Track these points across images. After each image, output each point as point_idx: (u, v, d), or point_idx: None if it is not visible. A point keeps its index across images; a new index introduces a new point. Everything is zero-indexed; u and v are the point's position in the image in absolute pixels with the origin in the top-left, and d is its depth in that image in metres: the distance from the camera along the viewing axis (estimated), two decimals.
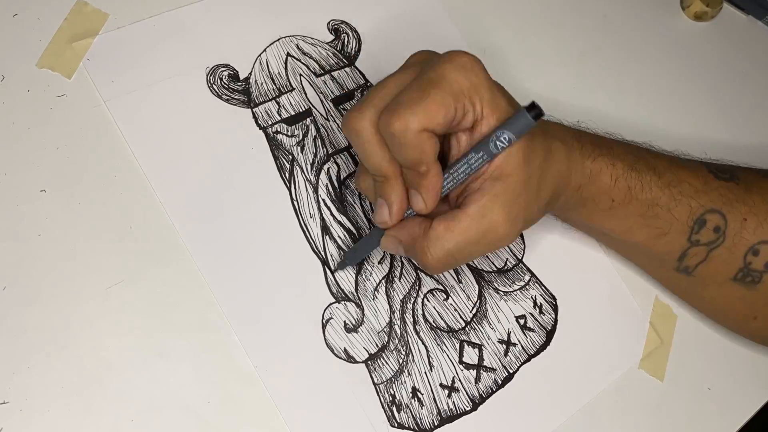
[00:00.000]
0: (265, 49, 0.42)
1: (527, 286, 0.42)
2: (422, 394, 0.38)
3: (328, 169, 0.41)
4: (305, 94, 0.42)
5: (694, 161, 0.41)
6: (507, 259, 0.42)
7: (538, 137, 0.35)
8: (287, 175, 0.40)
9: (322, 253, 0.39)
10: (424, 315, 0.40)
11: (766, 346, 0.44)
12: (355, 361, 0.37)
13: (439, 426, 0.38)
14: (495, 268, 0.42)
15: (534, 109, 0.32)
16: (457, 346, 0.39)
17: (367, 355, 0.38)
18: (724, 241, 0.39)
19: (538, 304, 0.42)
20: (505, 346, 0.40)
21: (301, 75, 0.42)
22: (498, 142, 0.32)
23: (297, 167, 0.40)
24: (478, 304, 0.41)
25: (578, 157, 0.37)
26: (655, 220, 0.39)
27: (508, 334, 0.41)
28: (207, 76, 0.40)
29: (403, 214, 0.35)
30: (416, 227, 0.34)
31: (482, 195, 0.33)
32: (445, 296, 0.40)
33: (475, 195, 0.33)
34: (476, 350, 0.40)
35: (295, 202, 0.40)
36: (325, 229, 0.39)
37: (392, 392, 0.37)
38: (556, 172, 0.36)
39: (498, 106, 0.33)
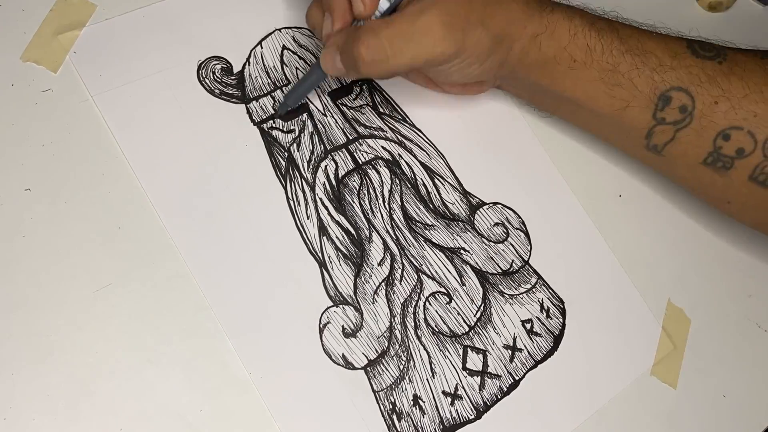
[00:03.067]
0: (260, 42, 0.42)
1: (534, 289, 0.42)
2: (424, 402, 0.38)
3: (326, 166, 0.41)
4: None
5: (673, 36, 0.41)
6: (513, 260, 0.42)
7: None
8: (283, 173, 0.40)
9: (320, 254, 0.39)
10: (425, 319, 0.40)
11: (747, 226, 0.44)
12: (354, 368, 0.37)
13: None
14: (500, 270, 0.42)
15: None
16: (461, 351, 0.39)
17: (366, 362, 0.38)
18: (691, 122, 0.39)
19: (545, 307, 0.42)
20: (510, 352, 0.40)
21: (297, 68, 0.43)
22: None
23: (293, 165, 0.40)
24: (482, 307, 0.41)
25: (535, 6, 0.38)
26: (617, 90, 0.39)
27: (514, 339, 0.41)
28: (199, 69, 0.40)
29: (345, 24, 0.37)
30: (354, 29, 0.36)
31: (426, 1, 0.35)
32: (447, 300, 0.40)
33: (418, 2, 0.36)
34: (480, 356, 0.40)
35: (291, 202, 0.40)
36: (323, 230, 0.40)
37: (393, 400, 0.37)
38: (508, 12, 0.38)
39: None
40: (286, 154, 0.41)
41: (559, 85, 0.40)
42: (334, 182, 0.41)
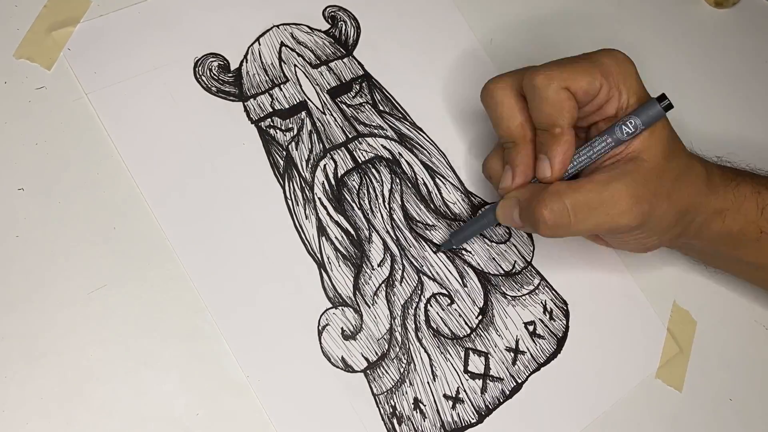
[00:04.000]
0: (257, 39, 0.42)
1: (537, 291, 0.42)
2: (425, 406, 0.38)
3: (325, 165, 0.41)
4: (300, 85, 0.42)
5: None
6: (515, 261, 0.42)
7: (680, 148, 0.38)
8: (281, 172, 0.40)
9: (318, 255, 0.39)
10: (426, 321, 0.39)
11: None
12: (354, 371, 0.37)
13: None
14: (502, 271, 0.42)
15: (664, 100, 0.35)
16: (462, 354, 0.39)
17: (366, 364, 0.38)
18: None
19: (549, 309, 0.42)
20: (513, 355, 0.40)
21: (295, 65, 0.42)
22: (624, 127, 0.35)
23: (291, 164, 0.40)
24: (484, 309, 0.41)
25: (718, 181, 0.38)
26: None
27: (517, 342, 0.41)
28: (195, 66, 0.40)
29: (525, 181, 0.37)
30: (536, 187, 0.36)
31: (612, 168, 0.36)
32: (449, 301, 0.40)
33: (605, 167, 0.36)
34: (482, 359, 0.40)
35: (290, 201, 0.40)
36: (321, 230, 0.39)
37: (393, 403, 0.37)
38: (692, 186, 0.37)
39: (642, 99, 0.36)
40: (285, 153, 0.40)
41: (743, 254, 0.40)
42: (333, 182, 0.41)
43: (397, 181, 0.42)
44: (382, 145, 0.42)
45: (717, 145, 0.45)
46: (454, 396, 0.38)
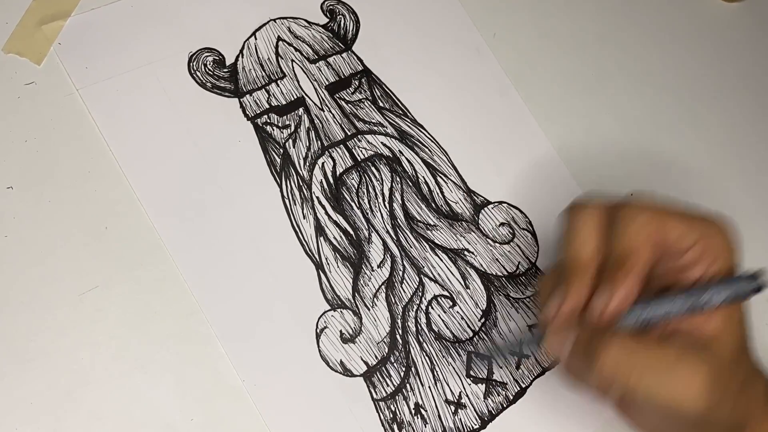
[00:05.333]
0: (253, 33, 0.42)
1: None
2: (426, 411, 0.38)
3: (323, 163, 0.41)
4: (298, 81, 0.42)
5: None
6: (519, 262, 0.42)
7: (751, 349, 0.34)
8: (278, 170, 0.40)
9: (316, 256, 0.39)
10: (428, 324, 0.39)
11: None
12: (353, 375, 0.37)
13: None
14: (506, 273, 0.42)
15: (756, 279, 0.32)
16: (464, 358, 0.39)
17: (365, 368, 0.38)
18: None
19: None
20: (516, 359, 0.40)
21: (293, 61, 0.42)
22: (710, 300, 0.32)
23: (289, 162, 0.40)
24: (487, 312, 0.41)
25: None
26: None
27: (521, 345, 0.40)
28: (190, 61, 0.40)
29: (574, 312, 0.33)
30: (602, 330, 0.32)
31: (690, 343, 0.32)
32: (451, 303, 0.40)
33: (681, 338, 0.32)
34: (485, 363, 0.39)
35: (287, 201, 0.40)
36: (320, 230, 0.39)
37: (393, 409, 0.37)
38: (756, 398, 0.33)
39: (728, 271, 0.33)
40: (282, 150, 0.40)
41: None
42: (331, 180, 0.41)
43: (398, 179, 0.42)
44: (382, 142, 0.42)
45: (731, 138, 0.45)
46: (456, 401, 0.38)
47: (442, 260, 0.41)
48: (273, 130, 0.41)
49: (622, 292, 0.32)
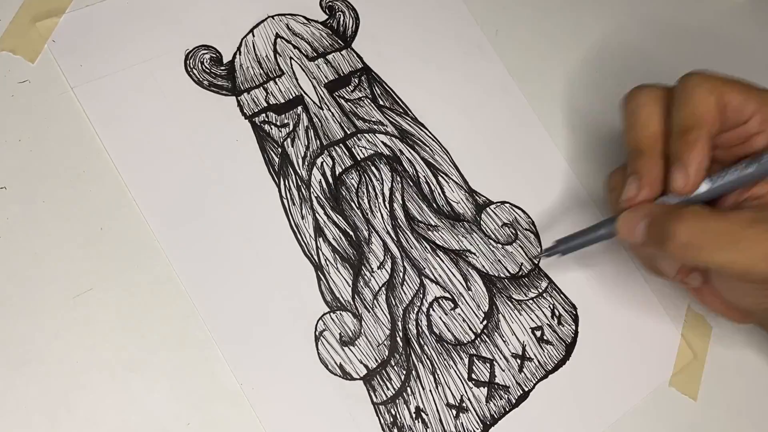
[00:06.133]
0: (251, 30, 0.42)
1: (544, 294, 0.42)
2: (427, 415, 0.38)
3: (322, 163, 0.41)
4: (296, 79, 0.42)
5: None
6: (522, 263, 0.42)
7: None
8: (276, 169, 0.40)
9: (315, 257, 0.39)
10: (429, 326, 0.39)
11: None
12: (352, 378, 0.37)
13: None
14: (508, 274, 0.42)
15: None
16: (466, 361, 0.39)
17: (365, 372, 0.38)
18: None
19: (557, 314, 0.42)
20: (519, 361, 0.40)
21: (291, 58, 0.42)
22: None
23: (287, 161, 0.40)
24: (489, 314, 0.40)
25: None
26: None
27: (523, 348, 0.40)
28: (186, 59, 0.40)
29: (653, 194, 0.35)
30: (670, 206, 0.35)
31: (762, 209, 0.33)
32: (452, 305, 0.40)
33: (754, 205, 0.34)
34: (487, 366, 0.39)
35: (285, 201, 0.39)
36: (319, 230, 0.39)
37: (393, 413, 0.37)
38: None
39: None
40: (280, 149, 0.40)
41: None
42: (330, 180, 0.41)
43: (398, 179, 0.42)
44: (382, 141, 0.42)
45: None
46: (457, 405, 0.38)
47: (443, 261, 0.41)
48: (271, 129, 0.41)
49: (695, 164, 0.34)
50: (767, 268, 0.33)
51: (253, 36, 0.42)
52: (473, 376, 0.39)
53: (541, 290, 0.42)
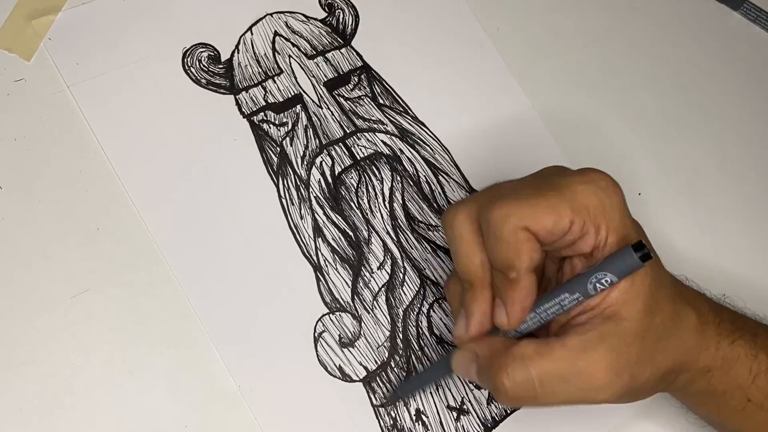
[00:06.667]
0: (249, 28, 0.42)
1: None
2: (427, 418, 0.38)
3: (321, 162, 0.41)
4: (295, 77, 0.42)
5: None
6: None
7: (667, 295, 0.33)
8: (275, 169, 0.40)
9: (315, 257, 0.39)
10: (429, 327, 0.39)
11: None
12: (352, 380, 0.37)
13: None
14: None
15: (641, 249, 0.30)
16: None
17: (365, 373, 0.37)
18: None
19: None
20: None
21: (290, 56, 0.42)
22: (597, 284, 0.31)
23: (286, 161, 0.40)
24: None
25: (712, 335, 0.35)
26: None
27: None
28: (184, 57, 0.40)
29: (482, 331, 0.33)
30: (499, 343, 0.33)
31: (588, 330, 0.32)
32: None
33: (580, 328, 0.32)
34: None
35: (284, 201, 0.39)
36: (318, 231, 0.39)
37: (393, 415, 0.37)
38: (681, 342, 0.34)
39: (626, 238, 0.32)
40: (278, 149, 0.40)
41: (725, 419, 0.37)
42: (330, 179, 0.41)
43: (398, 178, 0.42)
44: (382, 140, 0.42)
45: (740, 135, 0.44)
46: (458, 407, 0.38)
47: (444, 262, 0.41)
48: (270, 128, 0.41)
49: (516, 305, 0.32)
50: (606, 397, 0.31)
51: (252, 34, 0.42)
52: None
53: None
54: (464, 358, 0.34)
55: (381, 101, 0.43)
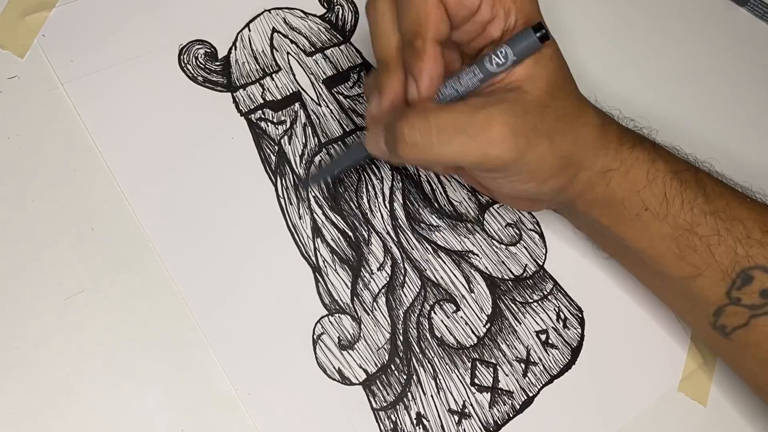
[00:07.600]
0: (247, 24, 0.42)
1: (549, 297, 0.42)
2: (428, 421, 0.38)
3: (320, 161, 0.41)
4: (293, 75, 0.42)
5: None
6: (526, 265, 0.42)
7: (571, 89, 0.36)
8: (273, 168, 0.40)
9: (313, 258, 0.39)
10: (430, 329, 0.39)
11: None
12: (351, 383, 0.37)
13: None
14: (512, 276, 0.42)
15: (540, 29, 0.32)
16: (469, 365, 0.39)
17: (364, 376, 0.37)
18: None
19: (562, 317, 0.42)
20: (523, 366, 0.40)
21: (288, 53, 0.42)
22: (495, 58, 0.33)
23: (284, 159, 0.40)
24: (492, 317, 0.40)
25: (613, 138, 0.36)
26: (690, 253, 0.36)
27: (527, 352, 0.40)
28: (180, 54, 0.40)
29: (389, 110, 0.35)
30: (402, 108, 0.34)
31: (490, 95, 0.34)
32: (454, 308, 0.40)
33: (483, 93, 0.34)
34: (490, 370, 0.39)
35: (282, 200, 0.39)
36: (317, 231, 0.39)
37: (394, 419, 0.37)
38: (581, 135, 0.35)
39: (532, 21, 0.33)
40: (277, 147, 0.40)
41: (623, 231, 0.38)
42: (329, 179, 0.41)
43: (399, 178, 0.42)
44: None
45: (743, 133, 0.44)
46: (459, 411, 0.38)
47: (445, 263, 0.41)
48: (268, 126, 0.41)
49: (424, 74, 0.33)
50: (500, 152, 0.33)
51: (249, 30, 0.42)
52: (476, 380, 0.39)
53: (546, 292, 0.42)
54: (374, 134, 0.35)
55: None
